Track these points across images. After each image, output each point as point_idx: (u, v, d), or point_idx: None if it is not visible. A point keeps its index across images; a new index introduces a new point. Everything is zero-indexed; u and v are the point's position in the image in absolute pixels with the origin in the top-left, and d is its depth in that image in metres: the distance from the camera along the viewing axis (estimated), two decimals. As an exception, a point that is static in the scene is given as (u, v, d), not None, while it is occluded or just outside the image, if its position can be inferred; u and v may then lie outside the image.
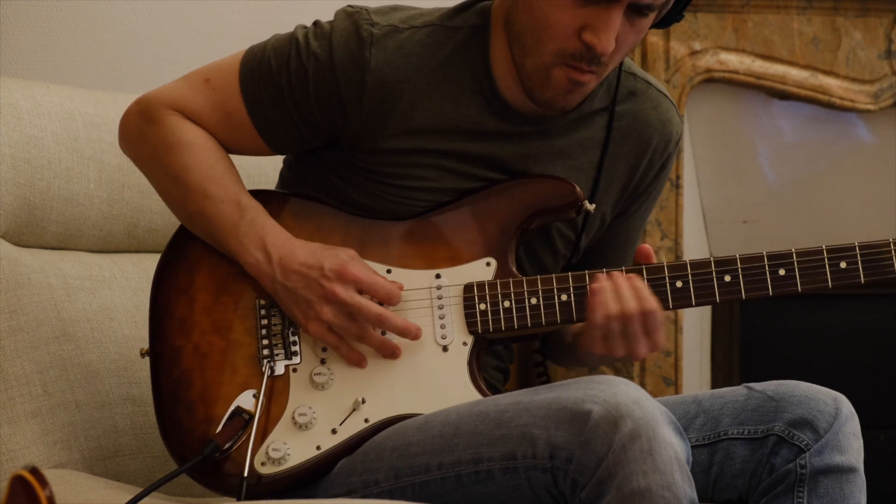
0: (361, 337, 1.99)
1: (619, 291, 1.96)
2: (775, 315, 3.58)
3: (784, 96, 3.41)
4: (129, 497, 1.96)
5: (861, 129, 3.51)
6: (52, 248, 2.33)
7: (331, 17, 2.06)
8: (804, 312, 3.59)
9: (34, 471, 1.44)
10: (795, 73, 3.38)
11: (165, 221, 2.42)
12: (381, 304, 1.99)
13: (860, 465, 1.99)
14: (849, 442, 1.98)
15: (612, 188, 2.13)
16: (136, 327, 2.34)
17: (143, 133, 2.10)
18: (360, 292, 1.98)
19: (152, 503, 2.00)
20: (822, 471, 1.97)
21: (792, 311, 3.58)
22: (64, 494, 1.99)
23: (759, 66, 3.36)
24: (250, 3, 2.96)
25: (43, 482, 1.43)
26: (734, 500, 2.05)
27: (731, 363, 3.51)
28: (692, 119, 3.40)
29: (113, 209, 2.37)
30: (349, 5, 2.05)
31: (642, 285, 1.97)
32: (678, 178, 3.31)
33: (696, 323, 3.47)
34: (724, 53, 3.34)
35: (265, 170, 2.37)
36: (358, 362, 2.01)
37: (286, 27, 2.13)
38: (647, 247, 2.02)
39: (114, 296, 2.34)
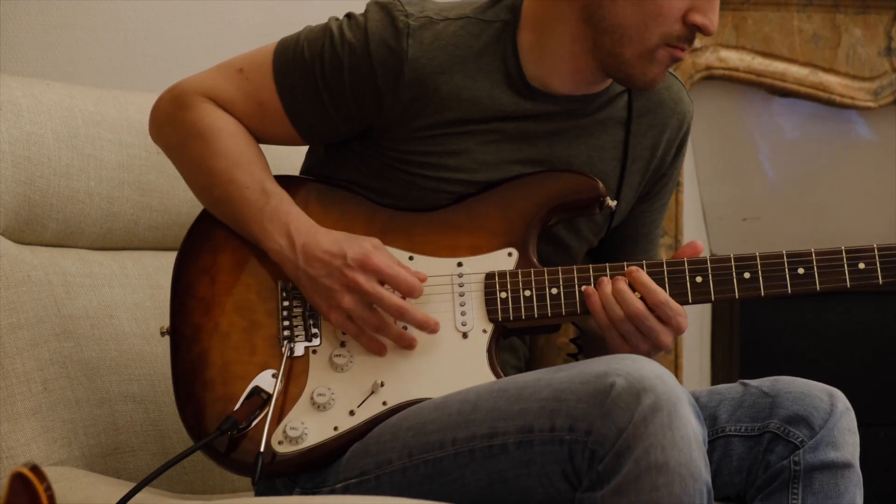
0: (380, 328, 2.00)
1: (619, 295, 1.99)
2: (775, 314, 3.58)
3: (784, 93, 3.41)
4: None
5: (861, 127, 3.51)
6: (53, 246, 2.33)
7: (336, 15, 2.08)
8: (804, 311, 3.59)
9: (34, 468, 1.44)
10: (795, 71, 3.38)
11: (165, 219, 2.42)
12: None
13: (856, 461, 2.00)
14: (844, 438, 1.99)
15: (635, 167, 2.16)
16: (136, 324, 2.34)
17: (173, 119, 2.11)
18: (383, 283, 1.99)
19: (153, 500, 2.01)
20: (816, 467, 1.97)
21: (792, 310, 3.58)
22: (64, 492, 2.00)
23: (759, 63, 3.36)
24: (250, 1, 2.97)
25: (43, 479, 1.44)
26: (732, 497, 2.06)
27: (731, 362, 3.52)
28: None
29: (113, 206, 2.37)
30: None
31: (647, 279, 2.00)
32: (678, 175, 3.31)
33: (696, 322, 3.48)
34: (725, 51, 3.34)
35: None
36: (378, 351, 2.02)
37: (287, 25, 2.14)
38: (699, 244, 2.05)
39: (114, 293, 2.35)
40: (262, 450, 1.95)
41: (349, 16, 2.07)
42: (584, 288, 2.01)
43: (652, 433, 1.78)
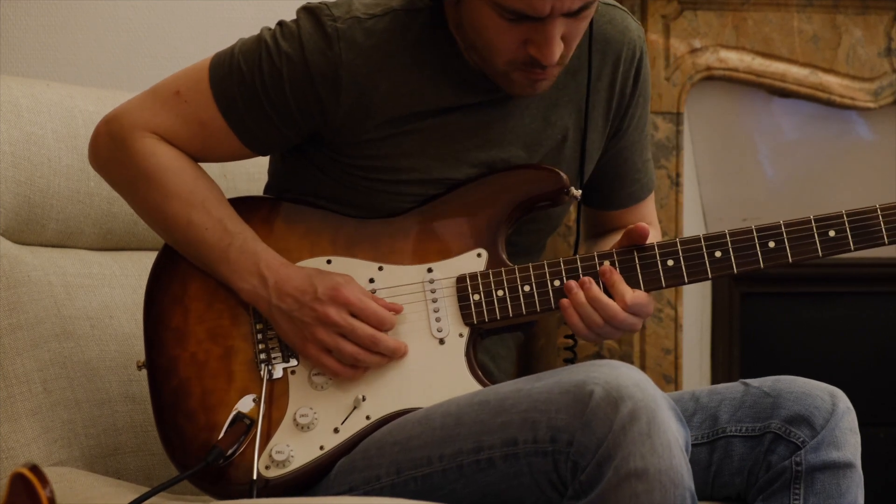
0: (356, 359, 2.00)
1: (595, 303, 1.98)
2: (776, 312, 3.58)
3: (784, 94, 3.41)
4: (129, 494, 1.96)
5: (861, 127, 3.51)
6: (53, 246, 2.33)
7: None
8: (805, 309, 3.59)
9: (34, 468, 1.44)
10: (795, 71, 3.38)
11: (165, 219, 2.42)
12: None
13: (857, 461, 1.99)
14: (845, 437, 1.99)
15: (596, 113, 2.13)
16: (136, 325, 2.34)
17: (115, 157, 2.08)
18: (354, 315, 1.99)
19: (152, 501, 2.01)
20: (818, 467, 1.97)
21: (792, 308, 3.58)
22: (64, 492, 2.00)
23: (759, 63, 3.36)
24: (250, 1, 2.96)
25: (43, 480, 1.44)
26: (733, 498, 2.06)
27: (731, 360, 3.51)
28: (692, 117, 3.40)
29: (113, 207, 2.37)
30: (308, 2, 2.05)
31: (619, 279, 1.99)
32: (678, 175, 3.31)
33: (696, 320, 3.47)
34: (724, 51, 3.34)
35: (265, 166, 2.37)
36: (360, 376, 2.02)
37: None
38: (644, 226, 2.01)
39: (114, 293, 2.35)
40: (255, 477, 1.95)
41: (281, 24, 2.04)
42: (561, 301, 2.00)
43: (631, 441, 1.77)
